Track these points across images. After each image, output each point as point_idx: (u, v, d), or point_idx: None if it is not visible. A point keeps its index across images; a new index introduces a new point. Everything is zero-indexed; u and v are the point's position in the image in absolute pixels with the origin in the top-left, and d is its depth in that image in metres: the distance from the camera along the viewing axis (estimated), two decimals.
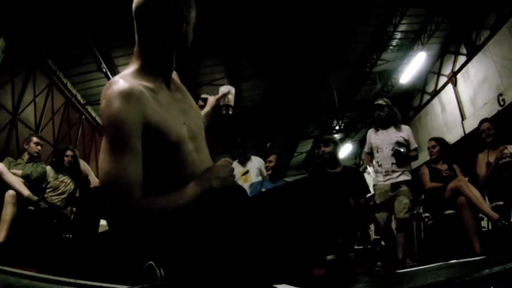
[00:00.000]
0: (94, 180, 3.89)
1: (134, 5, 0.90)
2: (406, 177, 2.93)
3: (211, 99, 1.36)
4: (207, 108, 1.33)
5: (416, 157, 3.06)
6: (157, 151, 0.85)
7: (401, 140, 2.97)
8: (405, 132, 3.05)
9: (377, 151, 3.05)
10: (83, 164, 4.00)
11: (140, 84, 0.86)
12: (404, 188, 2.89)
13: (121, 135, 0.77)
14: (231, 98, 1.35)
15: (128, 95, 0.79)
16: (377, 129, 3.12)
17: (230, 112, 1.34)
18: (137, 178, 0.78)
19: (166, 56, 0.93)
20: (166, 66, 0.94)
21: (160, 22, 0.87)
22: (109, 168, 0.76)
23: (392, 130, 3.04)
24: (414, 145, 3.03)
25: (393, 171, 2.93)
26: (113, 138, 0.78)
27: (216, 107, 1.33)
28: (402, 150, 2.84)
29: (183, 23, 0.90)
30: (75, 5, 4.98)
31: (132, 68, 0.91)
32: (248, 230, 0.83)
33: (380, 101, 3.14)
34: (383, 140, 3.04)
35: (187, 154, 0.91)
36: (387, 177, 2.94)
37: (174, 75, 1.05)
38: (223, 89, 1.36)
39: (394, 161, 2.92)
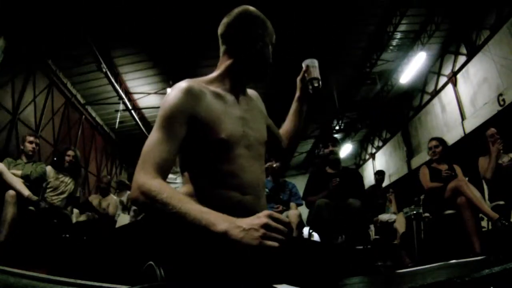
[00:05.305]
0: (112, 212, 4.03)
1: (220, 26, 1.04)
2: None
3: (297, 82, 1.30)
4: (297, 93, 1.31)
5: None
6: (205, 144, 0.91)
7: None
8: None
9: None
10: (112, 198, 4.19)
11: (205, 87, 0.95)
12: None
13: (163, 117, 0.86)
14: (314, 70, 1.25)
15: (182, 89, 0.89)
16: None
17: (316, 85, 1.23)
18: (162, 156, 0.82)
19: (238, 69, 1.02)
20: (236, 78, 1.03)
21: (236, 39, 1.01)
22: (146, 143, 0.85)
23: None
24: None
25: None
26: (158, 118, 0.87)
27: (303, 87, 1.27)
28: None
29: (258, 41, 1.01)
30: (75, 5, 4.98)
31: (210, 75, 1.03)
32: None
33: None
34: None
35: (236, 156, 0.93)
36: None
37: (252, 93, 1.15)
38: (304, 64, 1.27)
39: None
